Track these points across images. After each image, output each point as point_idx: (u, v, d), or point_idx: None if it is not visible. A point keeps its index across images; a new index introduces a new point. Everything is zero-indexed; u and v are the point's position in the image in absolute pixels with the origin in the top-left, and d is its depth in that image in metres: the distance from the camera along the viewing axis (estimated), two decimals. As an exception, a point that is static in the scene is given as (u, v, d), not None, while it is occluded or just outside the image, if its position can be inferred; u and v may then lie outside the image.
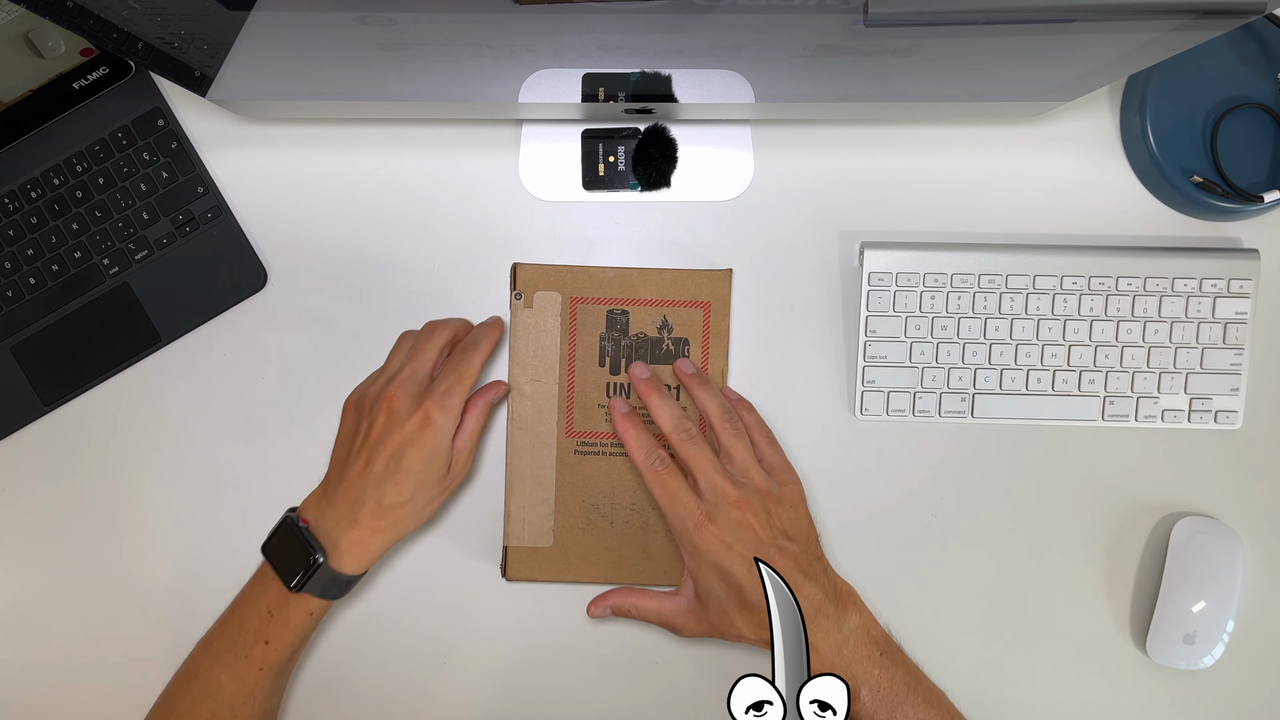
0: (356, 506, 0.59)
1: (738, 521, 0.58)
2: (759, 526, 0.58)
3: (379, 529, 0.59)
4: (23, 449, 0.71)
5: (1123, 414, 0.70)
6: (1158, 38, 0.49)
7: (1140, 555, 0.71)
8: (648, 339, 0.68)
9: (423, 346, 0.63)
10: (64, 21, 0.46)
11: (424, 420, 0.59)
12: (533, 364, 0.68)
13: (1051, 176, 0.72)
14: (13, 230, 0.70)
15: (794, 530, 0.60)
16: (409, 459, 0.59)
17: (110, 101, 0.71)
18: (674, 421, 0.62)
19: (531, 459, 0.68)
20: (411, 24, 0.48)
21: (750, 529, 0.58)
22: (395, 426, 0.59)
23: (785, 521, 0.60)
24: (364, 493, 0.59)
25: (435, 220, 0.72)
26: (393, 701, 0.71)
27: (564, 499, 0.68)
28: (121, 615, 0.71)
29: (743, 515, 0.58)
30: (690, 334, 0.68)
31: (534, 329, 0.68)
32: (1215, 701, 0.70)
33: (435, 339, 0.64)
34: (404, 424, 0.59)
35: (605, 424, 0.68)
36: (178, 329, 0.71)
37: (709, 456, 0.60)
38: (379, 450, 0.59)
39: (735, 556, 0.58)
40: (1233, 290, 0.69)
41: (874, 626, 0.59)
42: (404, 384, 0.61)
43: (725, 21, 0.48)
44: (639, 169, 0.71)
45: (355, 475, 0.60)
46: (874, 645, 0.58)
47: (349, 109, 0.68)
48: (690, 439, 0.61)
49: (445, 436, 0.60)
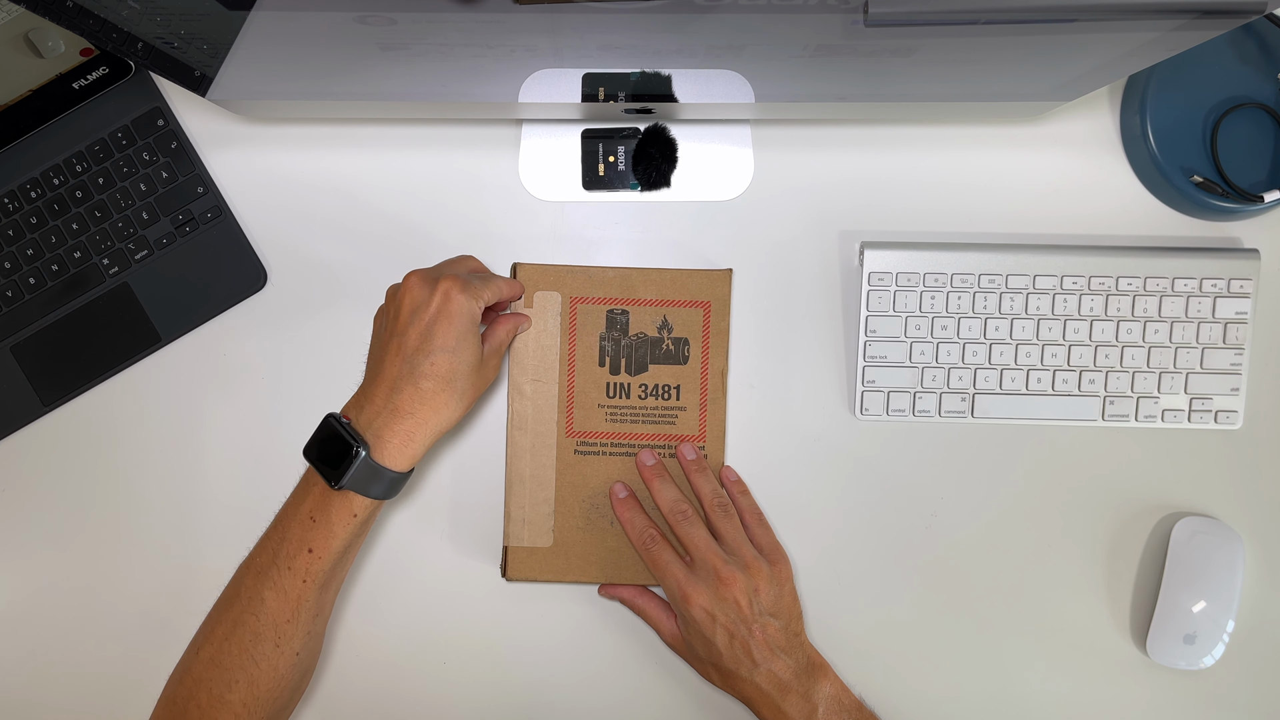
0: (394, 393, 0.58)
1: (723, 597, 0.62)
2: (744, 603, 0.62)
3: (422, 418, 0.57)
4: (23, 449, 0.71)
5: (1123, 414, 0.70)
6: (1158, 38, 0.49)
7: (1140, 555, 0.71)
8: (647, 339, 0.68)
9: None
10: (64, 21, 0.46)
11: (445, 296, 0.58)
12: (533, 364, 0.68)
13: (1051, 176, 0.72)
14: (13, 230, 0.70)
15: (777, 608, 0.63)
16: (439, 335, 0.58)
17: (110, 101, 0.71)
18: (672, 503, 0.66)
19: (531, 459, 0.68)
20: (411, 24, 0.48)
21: (735, 604, 0.62)
22: (421, 306, 0.59)
23: (769, 599, 0.63)
24: (400, 378, 0.58)
25: (435, 220, 0.72)
26: (393, 701, 0.71)
27: (564, 499, 0.68)
28: (121, 615, 0.71)
29: (729, 591, 0.62)
30: (690, 334, 0.68)
31: (534, 329, 0.68)
32: (1215, 701, 0.70)
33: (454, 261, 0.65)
34: (429, 302, 0.59)
35: (605, 424, 0.68)
36: (178, 329, 0.71)
37: (703, 535, 0.64)
38: (409, 331, 0.59)
39: (718, 628, 0.61)
40: (1233, 290, 0.69)
41: (845, 695, 0.63)
42: (421, 273, 0.60)
43: (725, 21, 0.48)
44: (639, 169, 0.71)
45: (389, 363, 0.59)
46: (845, 713, 0.62)
47: (349, 109, 0.68)
48: (686, 519, 0.65)
49: (470, 313, 0.59)
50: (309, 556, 0.57)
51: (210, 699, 0.57)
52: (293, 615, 0.57)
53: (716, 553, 0.63)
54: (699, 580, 0.62)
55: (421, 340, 0.58)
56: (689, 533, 0.64)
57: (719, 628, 0.61)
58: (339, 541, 0.57)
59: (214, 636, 0.58)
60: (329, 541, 0.57)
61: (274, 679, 0.58)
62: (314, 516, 0.57)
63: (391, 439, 0.57)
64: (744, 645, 0.61)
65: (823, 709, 0.61)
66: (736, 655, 0.61)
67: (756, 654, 0.61)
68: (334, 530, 0.57)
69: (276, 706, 0.59)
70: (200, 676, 0.58)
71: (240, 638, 0.57)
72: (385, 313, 0.62)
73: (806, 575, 0.71)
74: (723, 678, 0.63)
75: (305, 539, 0.57)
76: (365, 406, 0.58)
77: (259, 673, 0.57)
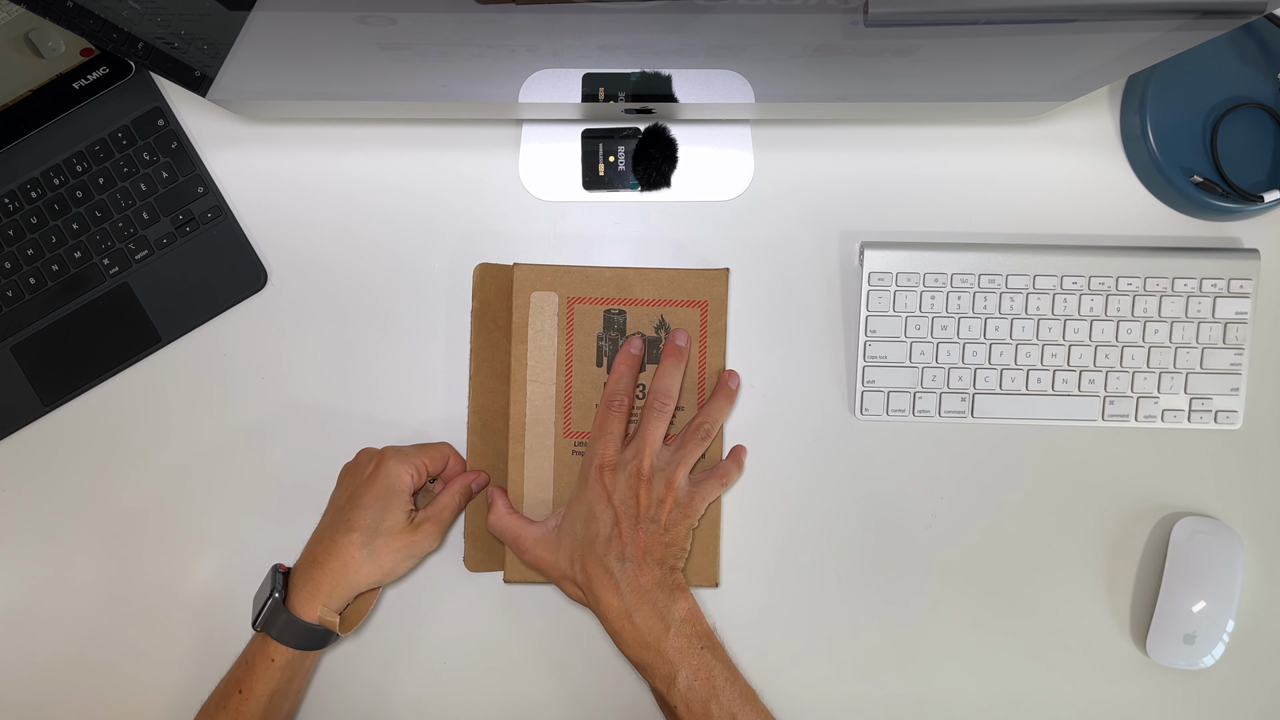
0: (316, 544, 0.63)
1: (631, 487, 0.62)
2: (644, 503, 0.62)
3: (330, 569, 0.61)
4: (23, 449, 0.71)
5: (1123, 414, 0.70)
6: (1158, 38, 0.49)
7: (1140, 555, 0.71)
8: (645, 339, 0.68)
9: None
10: (64, 21, 0.46)
11: (378, 463, 0.63)
12: (531, 364, 0.68)
13: (1051, 176, 0.72)
14: (13, 230, 0.70)
15: (671, 530, 0.63)
16: (364, 494, 0.62)
17: (110, 101, 0.71)
18: (664, 389, 0.65)
19: (530, 459, 0.68)
20: (411, 24, 0.48)
21: (635, 499, 0.62)
22: (358, 470, 0.65)
23: (669, 520, 0.63)
24: (323, 531, 0.63)
25: (435, 220, 0.72)
26: (393, 702, 0.70)
27: (561, 499, 0.68)
28: (121, 615, 0.71)
29: (637, 485, 0.62)
30: (687, 333, 0.68)
31: (531, 329, 0.68)
32: (1215, 701, 0.70)
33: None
34: (365, 466, 0.64)
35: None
36: (178, 329, 0.71)
37: (656, 434, 0.64)
38: (342, 491, 0.65)
39: (608, 508, 0.62)
40: (1233, 290, 0.69)
41: (700, 621, 0.61)
42: (368, 449, 0.66)
43: (725, 21, 0.48)
44: (639, 169, 0.71)
45: (322, 518, 0.65)
46: (697, 638, 0.60)
47: (349, 109, 0.68)
48: (660, 411, 0.65)
49: (396, 475, 0.63)
50: (239, 698, 0.61)
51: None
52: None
53: (653, 453, 0.63)
54: (622, 463, 0.63)
55: (349, 498, 0.63)
56: (650, 423, 0.64)
57: (609, 508, 0.62)
58: (262, 686, 0.61)
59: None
60: (253, 685, 0.61)
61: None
62: (247, 659, 0.62)
63: (301, 587, 0.61)
64: (621, 537, 0.61)
65: (674, 630, 0.59)
66: (609, 541, 0.61)
67: (629, 548, 0.60)
68: (256, 674, 0.61)
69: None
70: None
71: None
72: (337, 481, 0.67)
73: (806, 575, 0.71)
74: (584, 567, 0.61)
75: (237, 680, 0.61)
76: (299, 561, 0.64)
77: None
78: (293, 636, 0.61)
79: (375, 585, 0.63)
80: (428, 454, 0.65)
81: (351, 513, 0.62)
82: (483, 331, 0.68)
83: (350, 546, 0.61)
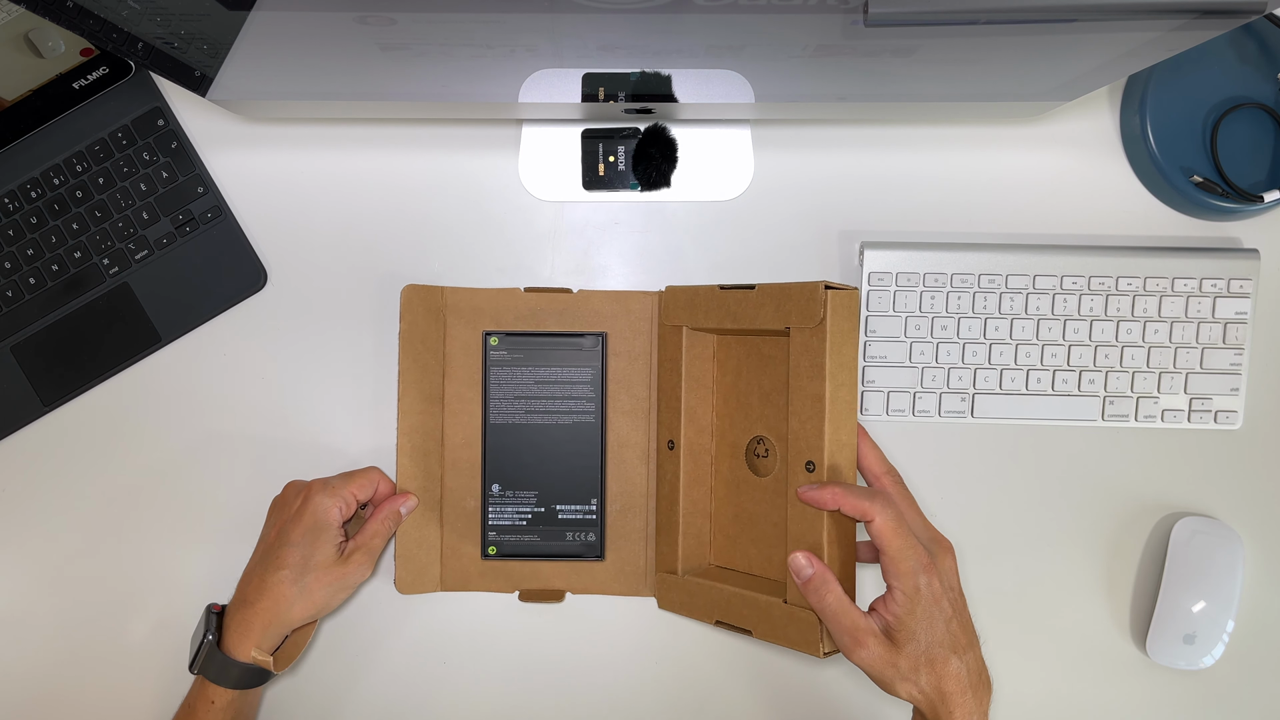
0: (245, 584, 0.63)
1: (946, 567, 0.56)
2: (955, 577, 0.57)
3: (261, 608, 0.61)
4: (23, 449, 0.71)
5: (1123, 414, 0.70)
6: (1158, 38, 0.49)
7: (1140, 555, 0.71)
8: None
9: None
10: (64, 21, 0.46)
11: (305, 497, 0.63)
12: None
13: (1051, 176, 0.72)
14: (13, 230, 0.70)
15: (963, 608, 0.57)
16: (290, 533, 0.62)
17: (110, 101, 0.71)
18: (886, 465, 0.61)
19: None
20: (411, 24, 0.48)
21: (954, 578, 0.57)
22: (284, 506, 0.65)
23: (958, 582, 0.58)
24: (252, 571, 0.63)
25: (435, 220, 0.72)
26: (393, 702, 0.70)
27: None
28: (120, 615, 0.71)
29: (948, 560, 0.57)
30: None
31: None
32: (1215, 701, 0.70)
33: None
34: (292, 503, 0.64)
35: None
36: (178, 329, 0.71)
37: (914, 502, 0.60)
38: (270, 529, 0.65)
39: (945, 603, 0.54)
40: (1233, 290, 0.69)
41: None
42: (298, 481, 0.66)
43: (725, 21, 0.48)
44: (639, 169, 0.71)
45: (252, 557, 0.65)
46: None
47: (349, 109, 0.68)
48: (899, 479, 0.60)
49: (323, 509, 0.62)
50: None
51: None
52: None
53: (924, 517, 0.58)
54: (928, 549, 0.55)
55: (278, 535, 0.63)
56: (903, 495, 0.59)
57: (946, 602, 0.54)
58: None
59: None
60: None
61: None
62: (189, 702, 0.62)
63: (234, 628, 0.61)
64: (962, 622, 0.55)
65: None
66: (955, 634, 0.54)
67: (964, 635, 0.55)
68: (198, 717, 0.61)
69: None
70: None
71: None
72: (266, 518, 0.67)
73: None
74: (933, 668, 0.54)
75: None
76: (231, 601, 0.63)
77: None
78: (229, 678, 0.61)
79: (310, 620, 0.64)
80: (355, 483, 0.65)
81: (280, 550, 0.62)
82: (411, 353, 0.68)
83: (280, 585, 0.61)
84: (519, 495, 0.69)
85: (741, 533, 0.66)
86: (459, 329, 0.69)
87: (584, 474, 0.69)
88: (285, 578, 0.61)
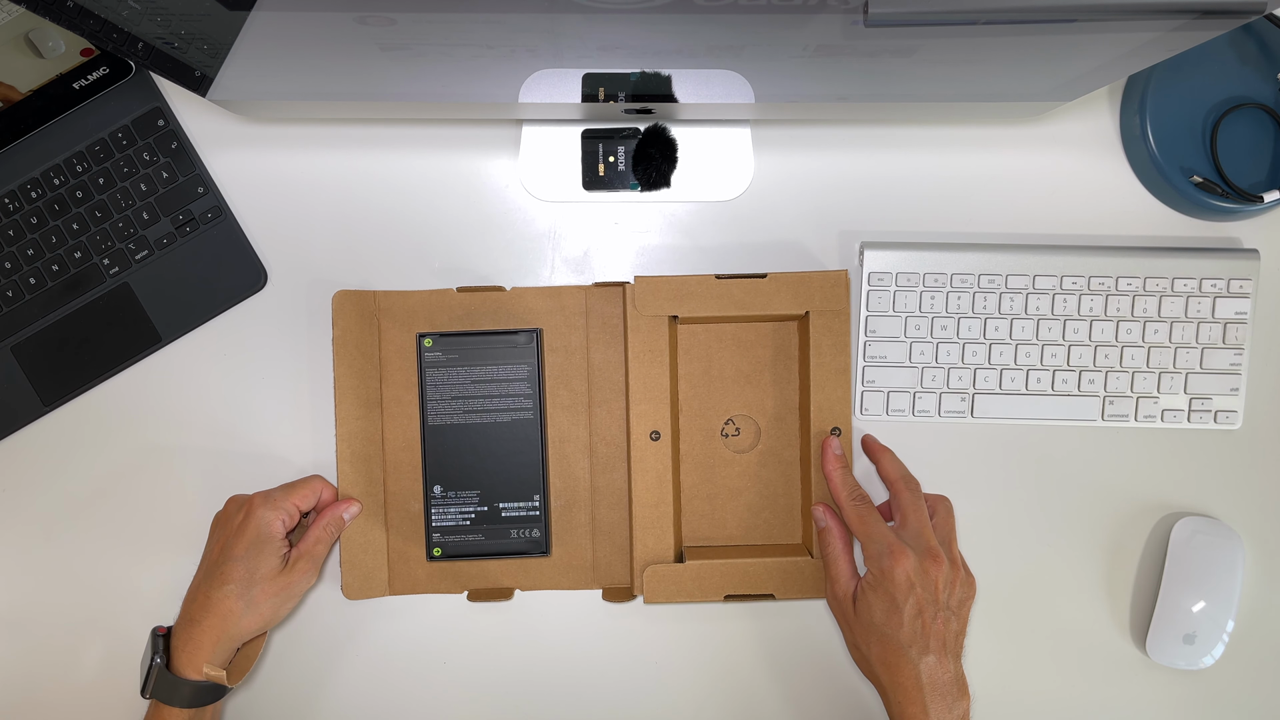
0: (190, 603, 0.62)
1: (927, 571, 0.60)
2: (940, 587, 0.60)
3: (207, 625, 0.61)
4: (23, 449, 0.71)
5: (1123, 414, 0.70)
6: (1158, 38, 0.49)
7: (1140, 555, 0.71)
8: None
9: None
10: (64, 21, 0.46)
11: (247, 511, 0.64)
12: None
13: (1051, 176, 0.72)
14: (13, 230, 0.70)
15: (959, 612, 0.62)
16: (234, 546, 0.63)
17: (110, 101, 0.71)
18: (901, 472, 0.66)
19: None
20: (411, 24, 0.48)
21: (934, 585, 0.60)
22: (226, 522, 0.65)
23: (955, 600, 0.61)
24: (197, 589, 0.63)
25: (435, 220, 0.72)
26: (393, 702, 0.71)
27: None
28: (120, 615, 0.71)
29: (935, 569, 0.60)
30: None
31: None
32: (1215, 701, 0.70)
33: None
34: (234, 518, 0.64)
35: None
36: (178, 329, 0.71)
37: (925, 514, 0.63)
38: (213, 546, 0.65)
39: (910, 598, 0.59)
40: (1233, 290, 0.69)
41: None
42: (238, 495, 0.66)
43: (725, 21, 0.48)
44: (639, 169, 0.71)
45: (195, 575, 0.64)
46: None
47: (349, 109, 0.68)
48: (914, 490, 0.64)
49: (265, 522, 0.63)
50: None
51: None
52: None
53: (930, 530, 0.62)
54: (909, 546, 0.60)
55: (221, 550, 0.63)
56: (909, 501, 0.63)
57: (912, 598, 0.59)
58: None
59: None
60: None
61: None
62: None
63: (182, 647, 0.61)
64: (925, 627, 0.59)
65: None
66: (915, 632, 0.59)
67: (932, 641, 0.59)
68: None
69: None
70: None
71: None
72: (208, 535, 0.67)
73: (806, 575, 0.71)
74: (884, 650, 0.60)
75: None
76: (177, 620, 0.63)
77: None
78: (181, 697, 0.60)
79: (260, 632, 0.64)
80: (297, 494, 0.65)
81: (224, 566, 0.62)
82: (346, 359, 0.68)
83: (226, 600, 0.61)
84: (461, 495, 0.69)
85: (717, 509, 0.69)
86: (393, 332, 0.69)
87: (525, 471, 0.69)
88: (231, 592, 0.61)
